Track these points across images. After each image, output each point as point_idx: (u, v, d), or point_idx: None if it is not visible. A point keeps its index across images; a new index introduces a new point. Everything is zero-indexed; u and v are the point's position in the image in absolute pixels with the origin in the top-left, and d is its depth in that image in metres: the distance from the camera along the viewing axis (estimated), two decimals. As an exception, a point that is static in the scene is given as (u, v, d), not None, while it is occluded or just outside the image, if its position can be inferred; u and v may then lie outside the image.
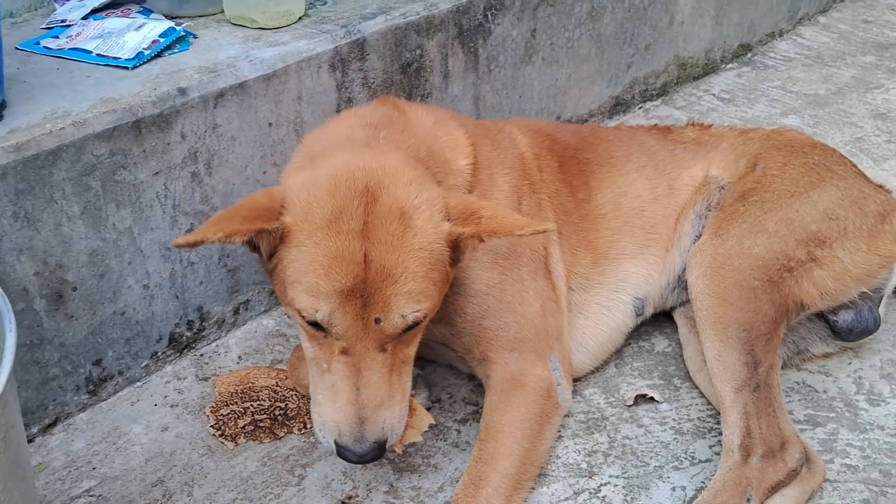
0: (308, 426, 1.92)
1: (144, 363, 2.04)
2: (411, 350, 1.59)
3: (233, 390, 2.00)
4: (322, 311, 1.46)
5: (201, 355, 2.13)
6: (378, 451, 1.51)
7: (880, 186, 2.13)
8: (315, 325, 1.50)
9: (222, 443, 1.88)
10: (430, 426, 1.73)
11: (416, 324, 1.52)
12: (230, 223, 1.45)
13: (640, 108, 3.30)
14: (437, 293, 1.55)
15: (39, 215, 1.72)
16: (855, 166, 2.17)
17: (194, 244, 1.43)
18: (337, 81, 2.16)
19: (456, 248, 1.56)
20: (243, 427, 1.91)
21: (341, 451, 1.52)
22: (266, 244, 1.52)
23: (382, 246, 1.46)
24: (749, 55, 3.78)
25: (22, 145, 1.67)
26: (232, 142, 2.00)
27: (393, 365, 1.53)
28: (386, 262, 1.45)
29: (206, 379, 2.05)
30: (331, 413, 1.51)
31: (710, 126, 2.36)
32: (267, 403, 1.97)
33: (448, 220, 1.54)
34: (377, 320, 1.46)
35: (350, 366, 1.49)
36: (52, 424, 1.91)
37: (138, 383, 2.04)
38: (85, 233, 1.81)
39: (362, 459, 1.51)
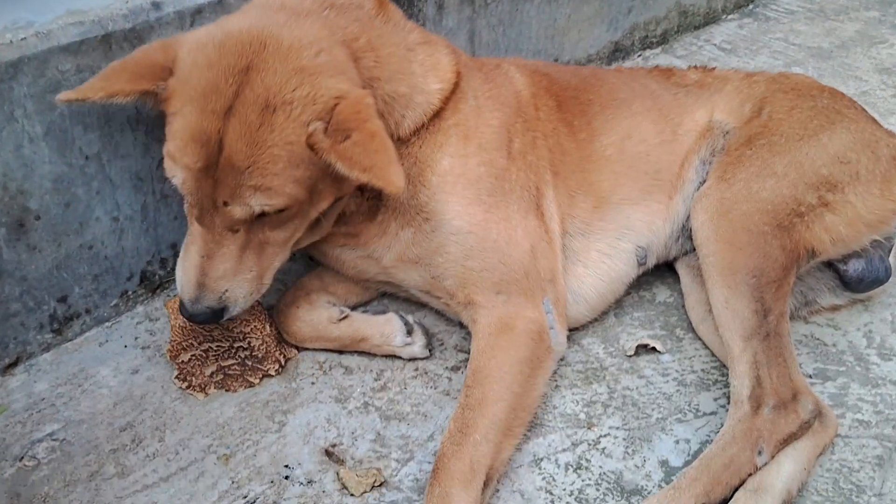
0: (282, 364, 1.80)
1: (114, 302, 1.91)
2: (278, 234, 1.58)
3: (182, 322, 1.81)
4: (177, 178, 1.49)
5: (175, 296, 1.99)
6: (210, 316, 1.59)
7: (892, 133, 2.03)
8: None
9: (191, 394, 1.75)
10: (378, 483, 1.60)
11: (266, 214, 1.50)
12: (116, 81, 1.49)
13: (639, 55, 3.17)
14: (301, 189, 1.50)
15: (-2, 134, 1.58)
16: (865, 111, 2.07)
17: (75, 100, 1.49)
18: (324, 6, 2.01)
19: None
20: (211, 375, 1.78)
21: (180, 307, 1.62)
22: (153, 103, 1.52)
23: (237, 136, 1.43)
24: (751, 6, 3.65)
25: (-22, 56, 1.52)
26: (210, 65, 1.85)
27: (247, 244, 1.55)
28: (235, 154, 1.43)
29: (180, 320, 1.92)
30: (180, 270, 1.60)
31: (714, 69, 2.25)
32: (226, 344, 1.81)
33: (323, 121, 1.43)
34: (225, 203, 1.47)
35: (200, 235, 1.54)
36: (13, 364, 1.79)
37: (107, 323, 1.91)
38: (49, 157, 1.66)
39: (192, 319, 1.60)
